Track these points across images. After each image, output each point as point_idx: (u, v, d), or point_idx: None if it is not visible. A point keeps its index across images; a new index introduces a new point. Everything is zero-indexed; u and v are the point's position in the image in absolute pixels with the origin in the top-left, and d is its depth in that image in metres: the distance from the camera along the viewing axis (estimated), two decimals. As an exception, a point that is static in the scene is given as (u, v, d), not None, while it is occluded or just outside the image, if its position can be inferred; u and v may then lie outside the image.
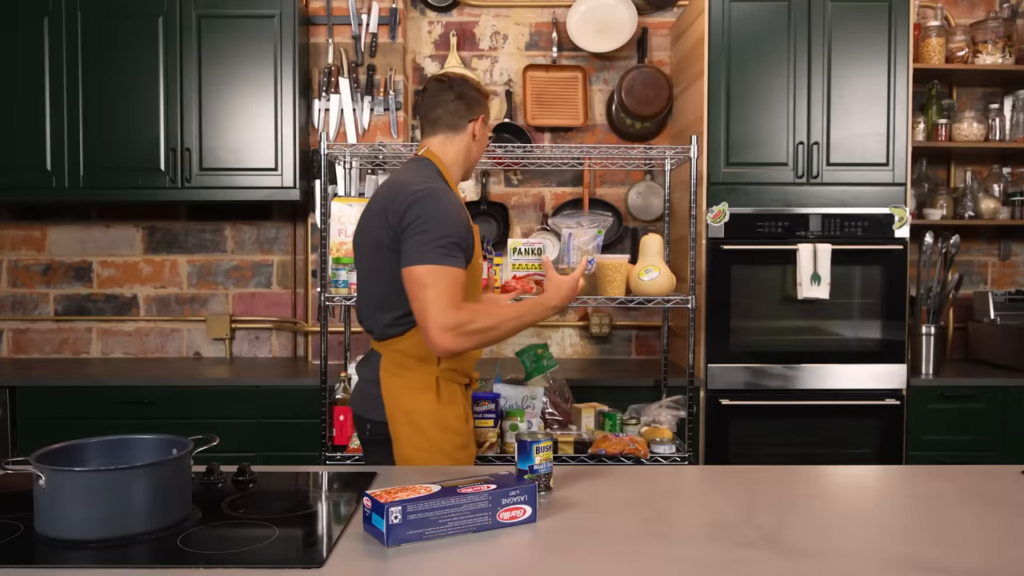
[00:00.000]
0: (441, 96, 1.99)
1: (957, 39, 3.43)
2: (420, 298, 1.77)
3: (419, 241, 1.78)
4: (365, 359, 2.05)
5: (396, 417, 1.90)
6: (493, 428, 2.54)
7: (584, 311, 3.74)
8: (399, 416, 1.90)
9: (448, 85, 2.00)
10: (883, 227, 3.13)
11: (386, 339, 1.94)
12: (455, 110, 1.99)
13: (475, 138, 2.03)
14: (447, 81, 2.01)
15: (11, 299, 3.71)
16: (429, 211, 1.80)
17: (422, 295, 1.77)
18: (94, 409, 3.08)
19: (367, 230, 1.94)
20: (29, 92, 3.25)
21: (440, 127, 2.00)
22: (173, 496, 1.36)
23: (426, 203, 1.81)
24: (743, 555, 1.27)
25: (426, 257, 1.77)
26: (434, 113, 2.00)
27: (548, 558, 1.28)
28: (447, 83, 2.01)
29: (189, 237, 3.71)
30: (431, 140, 2.02)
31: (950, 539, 1.35)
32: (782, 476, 1.71)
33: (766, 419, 3.11)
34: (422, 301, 1.77)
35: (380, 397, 1.92)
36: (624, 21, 3.57)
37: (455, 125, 2.00)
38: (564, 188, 3.74)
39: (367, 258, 1.95)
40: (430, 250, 1.78)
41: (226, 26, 3.26)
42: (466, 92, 2.00)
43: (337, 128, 3.49)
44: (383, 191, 1.93)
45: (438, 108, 2.00)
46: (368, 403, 1.95)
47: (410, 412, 1.89)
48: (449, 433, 1.91)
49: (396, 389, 1.91)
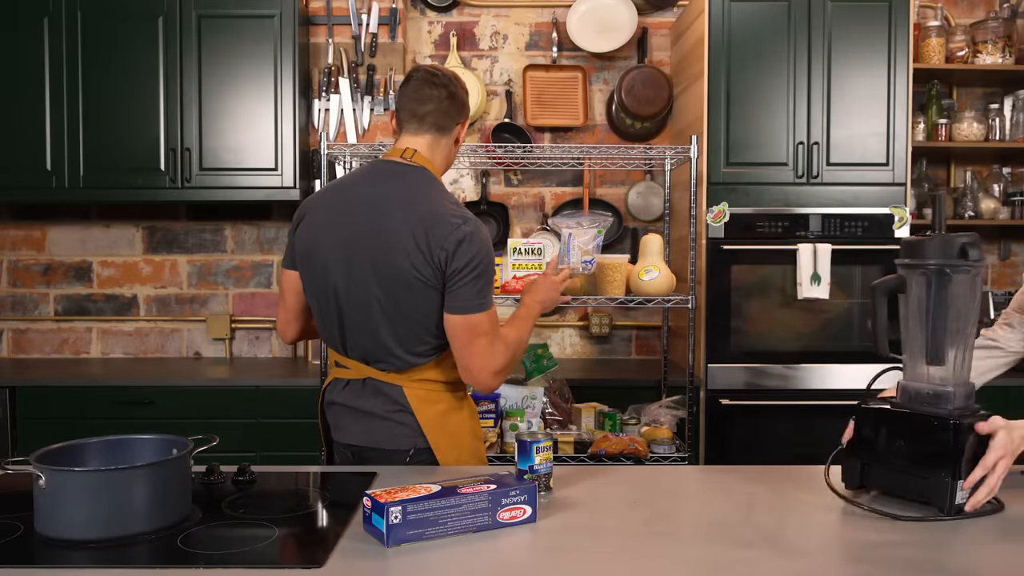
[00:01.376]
0: (433, 91, 1.80)
1: (957, 39, 3.43)
2: (475, 347, 1.72)
3: (476, 288, 1.71)
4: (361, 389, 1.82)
5: (439, 441, 1.80)
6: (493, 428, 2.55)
7: (584, 311, 3.74)
8: (442, 439, 1.80)
9: (442, 82, 1.82)
10: (883, 227, 3.13)
11: (407, 370, 1.78)
12: (447, 109, 1.82)
13: (458, 143, 1.89)
14: (440, 76, 1.82)
15: (11, 299, 3.71)
16: (480, 252, 1.71)
17: (476, 345, 1.72)
18: (94, 409, 3.08)
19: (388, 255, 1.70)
20: (29, 92, 3.25)
21: (428, 125, 1.81)
22: (173, 496, 1.36)
23: (474, 242, 1.70)
24: (743, 555, 1.27)
25: (484, 304, 1.72)
26: (424, 108, 1.80)
27: (548, 558, 1.28)
28: (440, 78, 1.82)
29: (189, 237, 3.71)
30: (417, 140, 1.82)
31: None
32: (782, 476, 1.70)
33: (766, 419, 3.11)
34: (478, 349, 1.72)
35: (417, 426, 1.78)
36: (624, 21, 3.57)
37: (444, 126, 1.82)
38: (564, 188, 3.74)
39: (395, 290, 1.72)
40: (486, 295, 1.73)
41: (226, 26, 3.26)
42: (457, 92, 1.84)
43: (337, 128, 3.49)
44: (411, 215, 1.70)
45: (428, 103, 1.80)
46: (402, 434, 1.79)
47: (453, 433, 1.82)
48: (478, 440, 1.91)
49: (434, 415, 1.80)
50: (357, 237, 1.73)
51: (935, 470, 1.44)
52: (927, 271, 1.48)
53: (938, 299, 1.47)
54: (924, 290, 1.49)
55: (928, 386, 1.50)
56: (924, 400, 1.50)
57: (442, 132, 1.83)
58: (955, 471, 1.42)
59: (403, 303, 1.72)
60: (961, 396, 1.48)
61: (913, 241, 1.50)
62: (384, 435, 1.80)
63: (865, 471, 1.54)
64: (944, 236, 1.48)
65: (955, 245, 1.45)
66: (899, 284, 1.52)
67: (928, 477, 1.45)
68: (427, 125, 1.81)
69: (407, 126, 1.83)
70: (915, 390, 1.52)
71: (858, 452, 1.56)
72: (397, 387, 1.79)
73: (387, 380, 1.79)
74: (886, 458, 1.52)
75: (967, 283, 1.47)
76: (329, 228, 1.77)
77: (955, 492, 1.42)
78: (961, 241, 1.45)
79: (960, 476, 1.42)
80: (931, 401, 1.49)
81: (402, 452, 1.79)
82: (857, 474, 1.55)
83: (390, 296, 1.72)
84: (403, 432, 1.79)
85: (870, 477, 1.54)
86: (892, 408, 1.54)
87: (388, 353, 1.76)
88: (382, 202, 1.73)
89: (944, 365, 1.49)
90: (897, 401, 1.56)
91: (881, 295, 1.52)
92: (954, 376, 1.49)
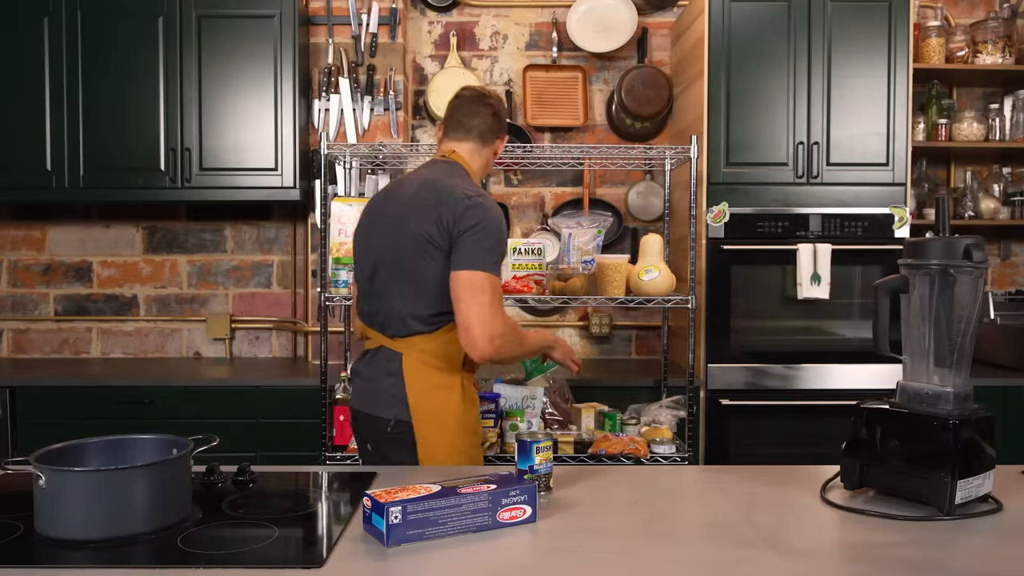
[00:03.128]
0: (481, 108, 2.07)
1: (957, 39, 3.43)
2: (476, 303, 1.81)
3: (480, 247, 1.84)
4: (372, 357, 2.00)
5: (422, 416, 1.89)
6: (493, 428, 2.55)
7: (584, 311, 3.74)
8: (425, 415, 1.89)
9: (489, 101, 2.09)
10: (883, 227, 3.13)
11: (409, 336, 1.92)
12: (491, 124, 2.08)
13: (496, 153, 2.14)
14: (488, 96, 2.10)
15: (11, 299, 3.71)
16: (487, 218, 1.86)
17: (477, 300, 1.81)
18: (94, 409, 3.08)
19: (405, 224, 1.92)
20: (29, 92, 3.25)
21: (474, 135, 2.07)
22: (173, 496, 1.36)
23: (483, 210, 1.87)
24: (743, 555, 1.27)
25: (487, 264, 1.84)
26: (472, 121, 2.06)
27: (548, 558, 1.28)
28: (488, 98, 2.09)
29: (189, 237, 3.71)
30: (461, 145, 2.07)
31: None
32: (782, 476, 1.71)
33: (766, 419, 3.11)
34: (478, 306, 1.81)
35: (404, 396, 1.90)
36: (624, 21, 3.57)
37: (487, 138, 2.08)
38: (564, 188, 3.74)
39: (406, 253, 1.91)
40: (489, 258, 1.85)
41: (226, 26, 3.26)
42: (500, 111, 2.11)
43: (337, 128, 3.49)
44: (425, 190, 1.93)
45: (476, 118, 2.06)
46: (387, 401, 1.92)
47: (437, 412, 1.90)
48: (469, 433, 1.94)
49: (423, 388, 1.90)
50: (388, 213, 1.98)
51: (934, 470, 1.44)
52: (930, 271, 1.48)
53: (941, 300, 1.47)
54: (927, 290, 1.49)
55: (928, 386, 1.50)
56: (923, 400, 1.51)
57: (484, 142, 2.09)
58: (954, 471, 1.42)
59: (411, 263, 1.90)
60: (960, 397, 1.49)
61: (916, 242, 1.51)
62: (374, 401, 1.95)
63: (864, 471, 1.54)
64: (948, 237, 1.48)
65: (959, 246, 1.46)
66: (902, 284, 1.52)
67: (927, 477, 1.45)
68: (473, 134, 2.07)
69: (453, 134, 2.09)
70: (915, 390, 1.52)
71: (857, 452, 1.56)
72: (398, 355, 1.92)
73: (393, 347, 1.94)
74: (885, 458, 1.52)
75: (970, 284, 1.48)
76: (371, 212, 2.05)
77: (955, 492, 1.42)
78: (965, 243, 1.46)
79: (959, 476, 1.42)
80: (930, 401, 1.49)
81: (385, 421, 1.91)
82: (856, 475, 1.55)
83: (401, 257, 1.91)
84: (390, 401, 1.91)
85: (869, 478, 1.54)
86: (891, 408, 1.54)
87: (395, 315, 1.92)
88: (412, 184, 1.98)
89: (945, 366, 1.49)
90: (896, 401, 1.56)
91: (883, 295, 1.53)
92: (954, 377, 1.49)
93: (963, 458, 1.43)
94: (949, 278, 1.46)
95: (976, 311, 1.49)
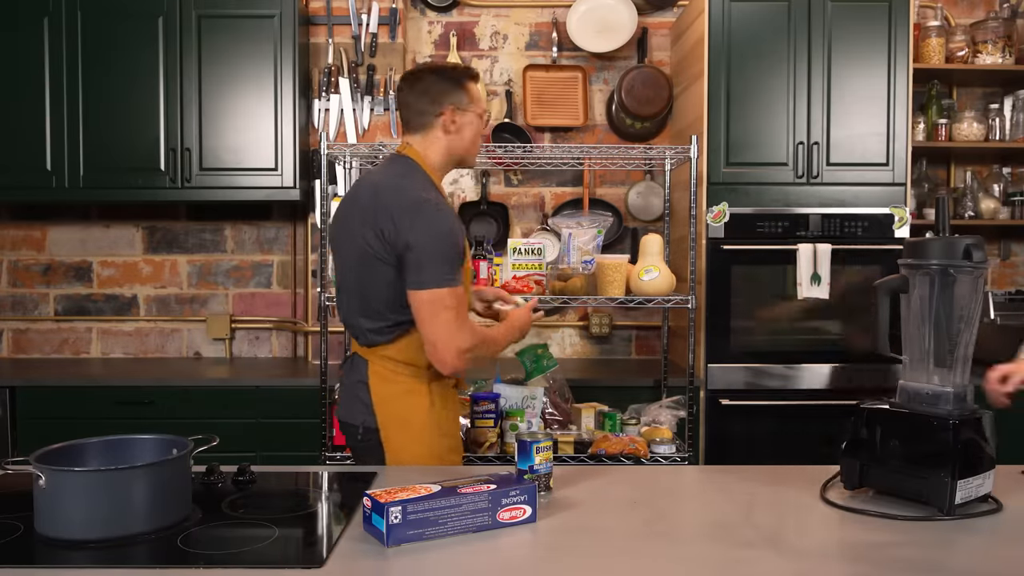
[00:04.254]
0: (406, 96, 1.91)
1: (957, 39, 3.43)
2: (441, 321, 1.74)
3: (434, 261, 1.74)
4: (350, 365, 1.97)
5: (387, 423, 1.86)
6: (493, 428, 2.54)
7: (584, 311, 3.74)
8: (391, 422, 1.86)
9: (412, 81, 1.90)
10: (883, 227, 3.12)
11: (373, 346, 1.88)
12: (419, 108, 1.88)
13: (448, 132, 1.89)
14: (411, 77, 1.91)
15: (11, 299, 3.71)
16: (432, 227, 1.74)
17: (441, 318, 1.74)
18: (94, 409, 3.08)
19: (350, 237, 1.85)
20: (29, 92, 3.25)
21: (411, 128, 1.91)
22: (173, 496, 1.36)
23: (426, 218, 1.74)
24: (743, 555, 1.27)
25: (444, 279, 1.74)
26: (403, 115, 1.92)
27: (548, 558, 1.28)
28: (411, 79, 1.91)
29: (189, 237, 3.71)
30: (413, 137, 1.92)
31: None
32: (782, 476, 1.71)
33: (766, 419, 3.11)
34: (443, 324, 1.74)
35: (370, 402, 1.87)
36: (624, 21, 3.57)
37: (423, 123, 1.89)
38: (564, 188, 3.73)
39: (350, 266, 1.87)
40: (446, 270, 1.75)
41: (226, 26, 3.26)
42: (428, 86, 1.88)
43: (337, 128, 3.49)
44: (367, 195, 1.84)
45: (404, 110, 1.91)
46: (358, 409, 1.89)
47: (404, 418, 1.86)
48: (444, 437, 1.90)
49: (388, 395, 1.87)
50: (344, 220, 1.90)
51: (934, 470, 1.44)
52: (930, 271, 1.48)
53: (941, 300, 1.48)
54: (927, 290, 1.49)
55: (928, 386, 1.50)
56: (923, 400, 1.51)
57: (423, 128, 1.90)
58: (954, 471, 1.42)
59: (358, 275, 1.84)
60: (960, 397, 1.49)
61: (917, 242, 1.51)
62: (347, 408, 1.93)
63: (864, 471, 1.54)
64: (948, 237, 1.48)
65: (959, 246, 1.46)
66: (902, 284, 1.52)
67: (927, 477, 1.45)
68: (410, 126, 1.92)
69: (405, 127, 1.95)
70: (914, 390, 1.52)
71: (857, 452, 1.56)
72: (365, 361, 1.90)
73: (362, 354, 1.92)
74: (885, 458, 1.52)
75: (970, 284, 1.48)
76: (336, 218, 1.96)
77: (954, 492, 1.42)
78: (965, 243, 1.46)
79: (959, 476, 1.42)
80: (930, 401, 1.49)
81: (354, 427, 1.89)
82: (856, 474, 1.55)
83: (351, 269, 1.86)
84: (360, 408, 1.88)
85: (869, 477, 1.54)
86: (891, 408, 1.54)
87: (357, 327, 1.90)
88: (363, 188, 1.89)
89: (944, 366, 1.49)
90: (896, 401, 1.56)
91: (884, 294, 1.53)
92: (954, 377, 1.49)
93: (963, 458, 1.43)
94: (949, 278, 1.46)
95: (976, 311, 1.49)
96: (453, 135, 1.90)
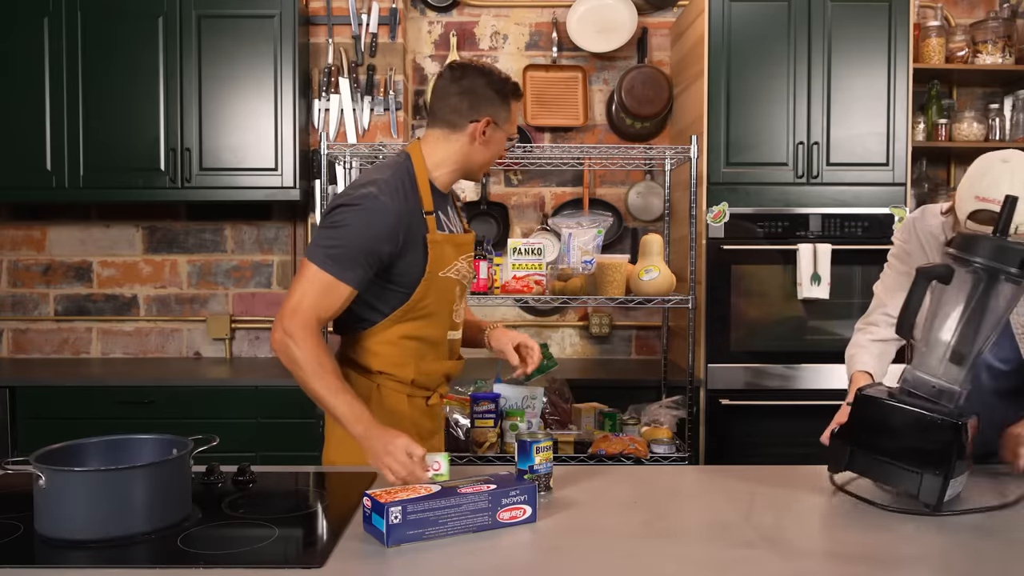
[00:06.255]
0: (447, 87, 1.78)
1: (957, 39, 3.43)
2: (291, 287, 1.66)
3: (321, 236, 1.66)
4: None
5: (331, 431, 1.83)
6: (493, 428, 2.54)
7: (584, 311, 3.74)
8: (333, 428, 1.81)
9: (459, 76, 1.77)
10: (883, 227, 3.12)
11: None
12: (455, 106, 1.76)
13: (476, 141, 1.78)
14: (459, 70, 1.78)
15: (11, 299, 3.71)
16: (347, 216, 1.65)
17: (294, 284, 1.66)
18: (94, 409, 3.08)
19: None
20: (29, 92, 3.24)
21: (437, 121, 1.79)
22: (173, 496, 1.36)
23: (350, 209, 1.66)
24: (743, 555, 1.27)
25: (318, 256, 1.64)
26: (435, 104, 1.80)
27: (548, 558, 1.28)
28: (458, 72, 1.78)
29: (189, 237, 3.71)
30: (429, 133, 1.82)
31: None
32: (782, 476, 1.71)
33: (766, 419, 3.11)
34: (291, 290, 1.65)
35: None
36: (624, 21, 3.57)
37: (453, 122, 1.77)
38: (564, 188, 3.73)
39: None
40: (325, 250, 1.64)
41: (226, 26, 3.26)
42: (475, 87, 1.76)
43: (337, 128, 3.49)
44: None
45: (439, 100, 1.79)
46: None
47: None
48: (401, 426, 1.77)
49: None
50: None
51: (929, 467, 1.44)
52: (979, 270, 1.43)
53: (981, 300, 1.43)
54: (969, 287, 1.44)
55: (935, 380, 1.48)
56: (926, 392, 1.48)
57: (451, 127, 1.78)
58: (949, 470, 1.42)
59: None
60: (964, 396, 1.48)
61: (972, 236, 1.45)
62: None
63: (852, 456, 1.53)
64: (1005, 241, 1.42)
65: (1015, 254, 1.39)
66: (946, 272, 1.45)
67: (921, 472, 1.45)
68: (436, 120, 1.80)
69: (428, 119, 1.84)
70: (920, 380, 1.49)
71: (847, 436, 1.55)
72: None
73: None
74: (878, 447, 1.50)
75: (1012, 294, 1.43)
76: None
77: (946, 490, 1.42)
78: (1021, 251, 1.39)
79: (952, 475, 1.43)
80: (934, 395, 1.47)
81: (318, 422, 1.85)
82: (844, 459, 1.54)
83: None
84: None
85: (856, 463, 1.53)
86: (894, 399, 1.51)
87: None
88: None
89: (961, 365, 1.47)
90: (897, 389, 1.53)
91: (924, 280, 1.46)
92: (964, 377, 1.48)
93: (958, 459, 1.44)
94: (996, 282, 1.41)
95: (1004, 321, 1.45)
96: (478, 146, 1.79)
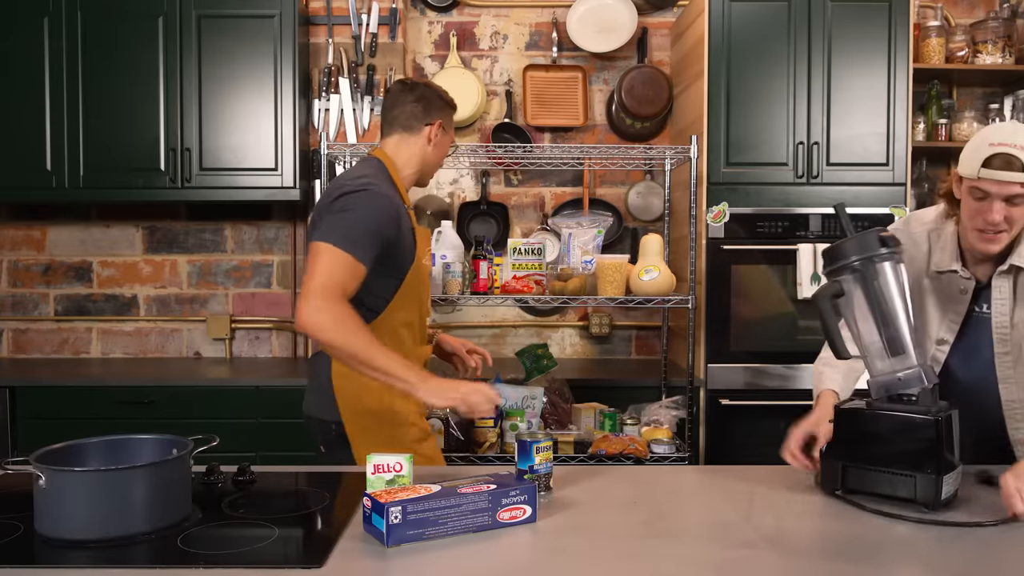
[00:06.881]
0: (401, 97, 2.01)
1: (957, 39, 3.43)
2: (311, 269, 1.73)
3: (332, 221, 1.76)
4: (314, 360, 1.99)
5: (350, 417, 1.89)
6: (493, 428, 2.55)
7: (584, 311, 3.74)
8: (353, 416, 1.89)
9: (410, 88, 2.03)
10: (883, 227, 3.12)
11: None
12: (412, 112, 2.00)
13: (431, 143, 2.02)
14: (410, 84, 2.04)
15: (11, 299, 3.71)
16: (354, 201, 1.79)
17: (313, 265, 1.72)
18: (94, 409, 3.08)
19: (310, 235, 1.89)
20: (29, 92, 3.24)
21: (396, 127, 2.01)
22: (173, 496, 1.37)
23: (356, 195, 1.80)
24: (743, 555, 1.27)
25: (333, 237, 1.73)
26: (392, 113, 2.02)
27: (548, 558, 1.28)
28: (409, 86, 2.04)
29: (189, 237, 3.71)
30: (387, 140, 2.03)
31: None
32: (782, 476, 1.71)
33: (766, 419, 3.10)
34: (311, 272, 1.72)
35: (335, 399, 1.89)
36: (624, 21, 3.57)
37: (410, 126, 2.01)
38: (564, 188, 3.73)
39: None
40: (340, 232, 1.74)
41: (226, 26, 3.26)
42: (427, 96, 2.02)
43: (337, 128, 3.49)
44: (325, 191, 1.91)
45: (396, 108, 2.01)
46: (326, 405, 1.91)
47: (363, 411, 1.88)
48: (403, 427, 1.91)
49: (349, 390, 1.89)
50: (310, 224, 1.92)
51: (920, 467, 1.45)
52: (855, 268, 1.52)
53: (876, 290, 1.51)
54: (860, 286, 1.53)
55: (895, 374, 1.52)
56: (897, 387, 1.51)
57: (408, 131, 2.01)
58: (940, 467, 1.43)
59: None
60: (930, 372, 1.51)
61: (832, 248, 1.56)
62: (318, 404, 1.94)
63: (845, 473, 1.55)
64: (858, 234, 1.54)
65: (872, 237, 1.52)
66: (839, 288, 1.55)
67: (914, 475, 1.45)
68: (395, 126, 2.02)
69: (382, 130, 2.05)
70: (885, 382, 1.54)
71: (837, 454, 1.56)
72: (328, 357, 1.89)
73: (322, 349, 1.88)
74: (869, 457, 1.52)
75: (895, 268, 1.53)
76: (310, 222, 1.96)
77: (942, 487, 1.43)
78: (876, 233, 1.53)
79: (944, 471, 1.43)
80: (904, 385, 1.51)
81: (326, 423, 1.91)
82: (838, 477, 1.55)
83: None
84: (331, 404, 1.90)
85: (850, 480, 1.54)
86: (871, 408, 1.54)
87: None
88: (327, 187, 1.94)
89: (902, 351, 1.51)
90: (871, 399, 1.56)
91: (825, 300, 1.55)
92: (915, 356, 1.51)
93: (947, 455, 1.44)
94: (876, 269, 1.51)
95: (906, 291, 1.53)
96: (432, 148, 2.03)
